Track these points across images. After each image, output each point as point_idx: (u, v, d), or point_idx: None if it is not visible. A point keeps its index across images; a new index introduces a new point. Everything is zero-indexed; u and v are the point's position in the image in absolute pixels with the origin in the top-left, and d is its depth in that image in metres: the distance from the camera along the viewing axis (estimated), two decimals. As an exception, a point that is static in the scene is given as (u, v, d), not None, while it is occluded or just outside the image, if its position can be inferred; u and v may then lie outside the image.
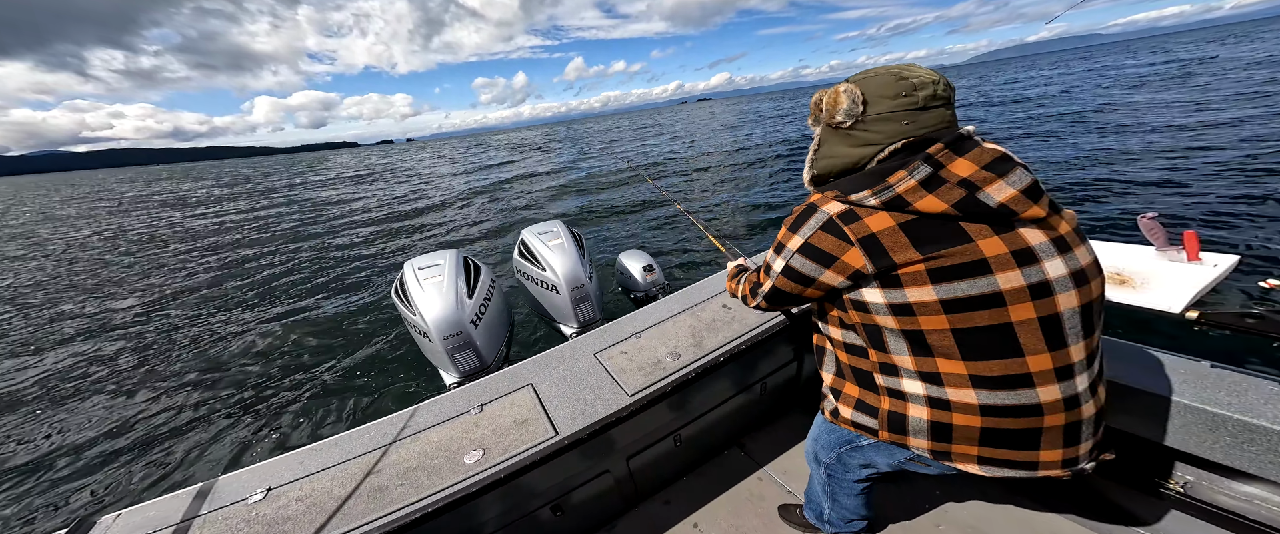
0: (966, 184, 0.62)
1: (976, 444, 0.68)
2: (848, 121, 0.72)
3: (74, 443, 3.02)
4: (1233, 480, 0.92)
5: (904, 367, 0.71)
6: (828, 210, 0.70)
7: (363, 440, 1.09)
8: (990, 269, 0.61)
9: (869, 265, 0.66)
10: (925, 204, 0.63)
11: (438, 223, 9.35)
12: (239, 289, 6.11)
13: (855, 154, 0.72)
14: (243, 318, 5.03)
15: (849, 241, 0.67)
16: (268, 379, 3.59)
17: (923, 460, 0.76)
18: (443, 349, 1.83)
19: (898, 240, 0.64)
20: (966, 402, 0.67)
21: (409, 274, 1.98)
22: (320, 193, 18.47)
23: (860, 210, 0.67)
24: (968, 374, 0.65)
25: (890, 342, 0.70)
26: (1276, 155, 5.48)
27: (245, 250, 8.64)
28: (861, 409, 0.81)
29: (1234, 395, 0.87)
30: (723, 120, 35.55)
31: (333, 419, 2.99)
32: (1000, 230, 0.62)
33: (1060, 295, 0.62)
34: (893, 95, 0.67)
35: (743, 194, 8.07)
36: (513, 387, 1.22)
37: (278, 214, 13.51)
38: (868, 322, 0.71)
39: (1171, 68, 21.63)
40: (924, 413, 0.71)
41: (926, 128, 0.67)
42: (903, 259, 0.64)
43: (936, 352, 0.66)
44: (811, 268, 0.72)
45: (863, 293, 0.69)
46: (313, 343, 4.14)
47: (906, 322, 0.66)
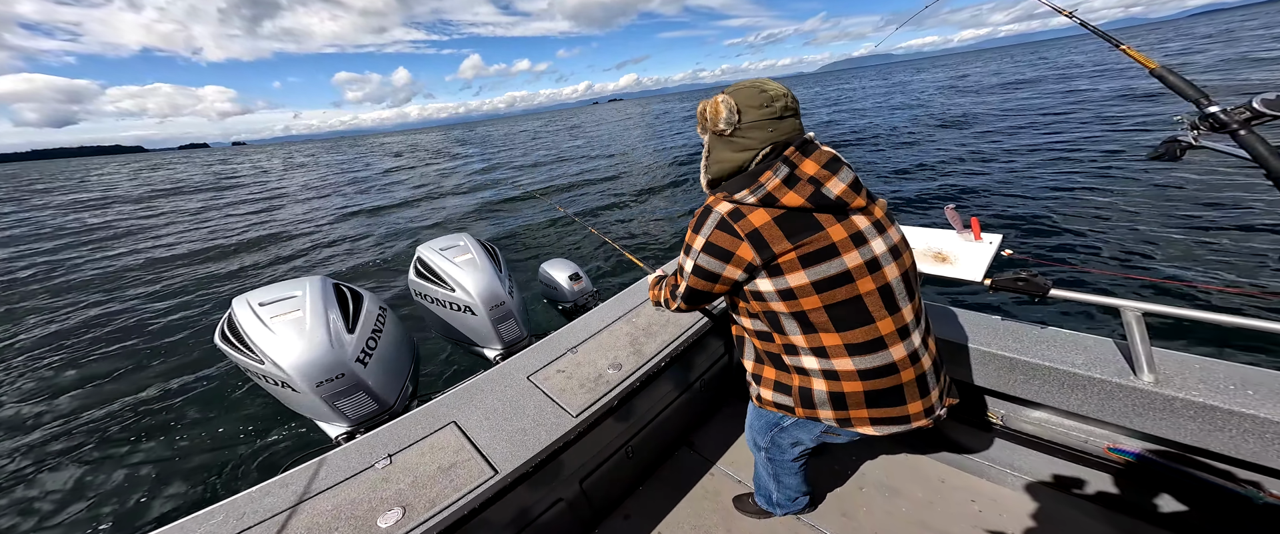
0: (814, 181, 0.74)
1: (865, 407, 0.81)
2: (728, 128, 0.80)
3: None
4: (1029, 409, 1.17)
5: (800, 345, 0.81)
6: (720, 210, 0.79)
7: (218, 524, 0.82)
8: (839, 251, 0.74)
9: (757, 257, 0.75)
10: (788, 199, 0.74)
11: (290, 249, 7.42)
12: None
13: (738, 158, 0.81)
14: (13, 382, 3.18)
15: (739, 237, 0.76)
16: (65, 458, 2.43)
17: (833, 431, 0.87)
18: (318, 398, 1.40)
19: (774, 233, 0.74)
20: (848, 369, 0.78)
21: (243, 313, 1.46)
22: (90, 218, 13.00)
23: (743, 208, 0.77)
24: (843, 344, 0.77)
25: (785, 324, 0.80)
26: (994, 148, 7.95)
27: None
28: (779, 390, 0.89)
29: (1019, 342, 1.13)
30: (635, 121, 36.83)
31: (165, 504, 2.12)
32: (840, 218, 0.76)
33: (886, 267, 0.77)
34: (758, 105, 0.78)
35: (658, 203, 8.32)
36: (430, 429, 1.03)
37: (26, 254, 9.05)
38: (766, 308, 0.80)
39: (940, 80, 30.66)
40: (823, 385, 0.81)
41: (784, 134, 0.78)
42: (780, 249, 0.74)
43: (818, 327, 0.77)
44: (714, 265, 0.80)
45: (757, 283, 0.78)
46: (114, 419, 2.88)
47: (792, 304, 0.77)
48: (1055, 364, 1.05)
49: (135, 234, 10.15)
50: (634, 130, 26.39)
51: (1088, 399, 1.03)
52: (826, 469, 1.41)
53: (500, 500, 0.92)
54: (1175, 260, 3.50)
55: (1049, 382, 1.07)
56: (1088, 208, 4.83)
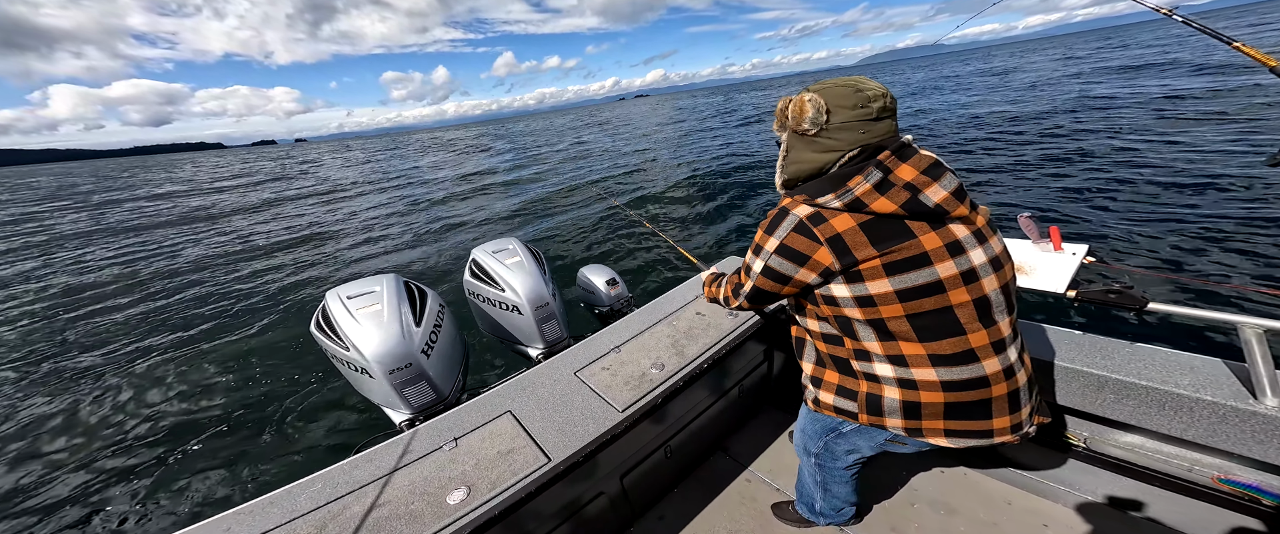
0: (910, 187, 0.72)
1: (942, 419, 0.78)
2: (813, 129, 0.78)
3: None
4: (1119, 431, 1.09)
5: (874, 352, 0.79)
6: (798, 213, 0.77)
7: (310, 495, 0.93)
8: (930, 260, 0.72)
9: (836, 262, 0.73)
10: (879, 205, 0.72)
11: (360, 243, 8.13)
12: (119, 336, 4.72)
13: (820, 159, 0.79)
14: (128, 367, 3.91)
15: (818, 241, 0.74)
16: (171, 437, 2.84)
17: (900, 440, 0.86)
18: (390, 385, 1.59)
19: (858, 239, 0.72)
20: (929, 379, 0.76)
21: (335, 304, 1.69)
22: (189, 207, 14.81)
23: (826, 212, 0.75)
24: (926, 354, 0.75)
25: (859, 330, 0.79)
26: (1080, 149, 7.12)
27: (109, 287, 6.61)
28: (842, 394, 0.87)
29: (1109, 359, 1.05)
30: (664, 116, 36.68)
31: (263, 475, 2.45)
32: (935, 226, 0.73)
33: (984, 279, 0.74)
34: (851, 105, 0.74)
35: (703, 202, 8.16)
36: (489, 416, 1.13)
37: (137, 235, 10.55)
38: (838, 313, 0.79)
39: (991, 71, 27.96)
40: (896, 394, 0.79)
41: (878, 136, 0.76)
42: (863, 256, 0.72)
43: (898, 336, 0.75)
44: (788, 267, 0.79)
45: (831, 288, 0.77)
46: (225, 389, 3.37)
47: (870, 312, 0.75)
48: (1154, 384, 0.97)
49: (221, 219, 11.52)
50: (667, 127, 26.24)
51: (1194, 423, 0.95)
52: (875, 481, 1.36)
53: (552, 487, 0.97)
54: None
55: (1146, 403, 0.99)
56: (1187, 216, 4.31)
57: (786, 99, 0.84)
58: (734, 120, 23.75)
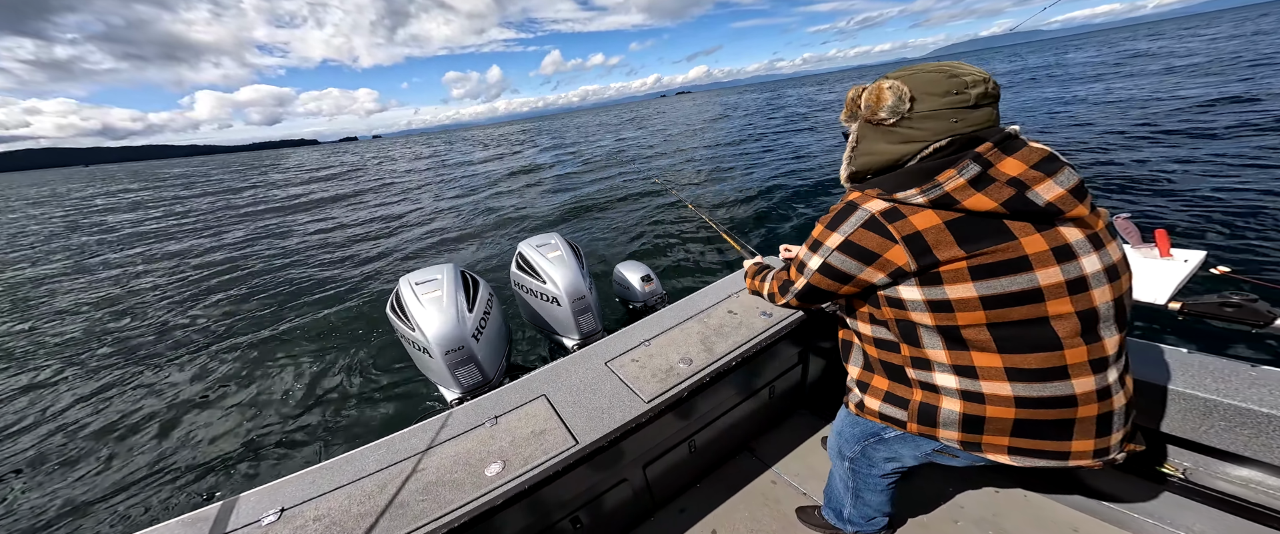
0: (1016, 183, 0.63)
1: (1008, 435, 0.70)
2: (892, 118, 0.71)
3: (80, 468, 2.77)
4: (1229, 464, 0.96)
5: (938, 361, 0.72)
6: (869, 208, 0.70)
7: (377, 457, 1.07)
8: (1031, 266, 0.63)
9: (912, 263, 0.66)
10: (973, 202, 0.63)
11: (426, 233, 8.95)
12: (229, 305, 5.69)
13: (896, 151, 0.72)
14: (237, 336, 4.69)
15: (893, 239, 0.67)
16: (268, 399, 3.40)
17: (951, 452, 0.80)
18: (444, 365, 1.79)
19: (942, 238, 0.65)
20: (1001, 394, 0.68)
21: (406, 290, 1.92)
22: (290, 198, 17.27)
23: (904, 208, 0.67)
24: (1003, 367, 0.67)
25: (924, 336, 0.71)
26: (1216, 153, 5.96)
27: (224, 261, 8.01)
28: (890, 401, 0.82)
29: (1221, 381, 0.92)
30: (706, 114, 35.91)
31: (337, 438, 2.87)
32: (1042, 228, 0.64)
33: (1095, 290, 0.64)
34: (942, 92, 0.67)
35: (745, 191, 8.08)
36: (526, 398, 1.21)
37: (250, 220, 12.54)
38: (901, 317, 0.72)
39: (1108, 59, 23.61)
40: (957, 405, 0.72)
41: (974, 125, 0.67)
42: (946, 256, 0.65)
43: (971, 345, 0.68)
44: (851, 265, 0.73)
45: (899, 289, 0.70)
46: (310, 361, 3.93)
47: (943, 317, 0.68)
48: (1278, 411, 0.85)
49: (314, 207, 13.29)
50: (711, 124, 25.51)
51: None
52: (913, 492, 1.28)
53: (577, 468, 1.02)
54: None
55: (1269, 433, 0.87)
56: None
57: (859, 87, 0.77)
58: (779, 117, 22.58)
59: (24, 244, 11.79)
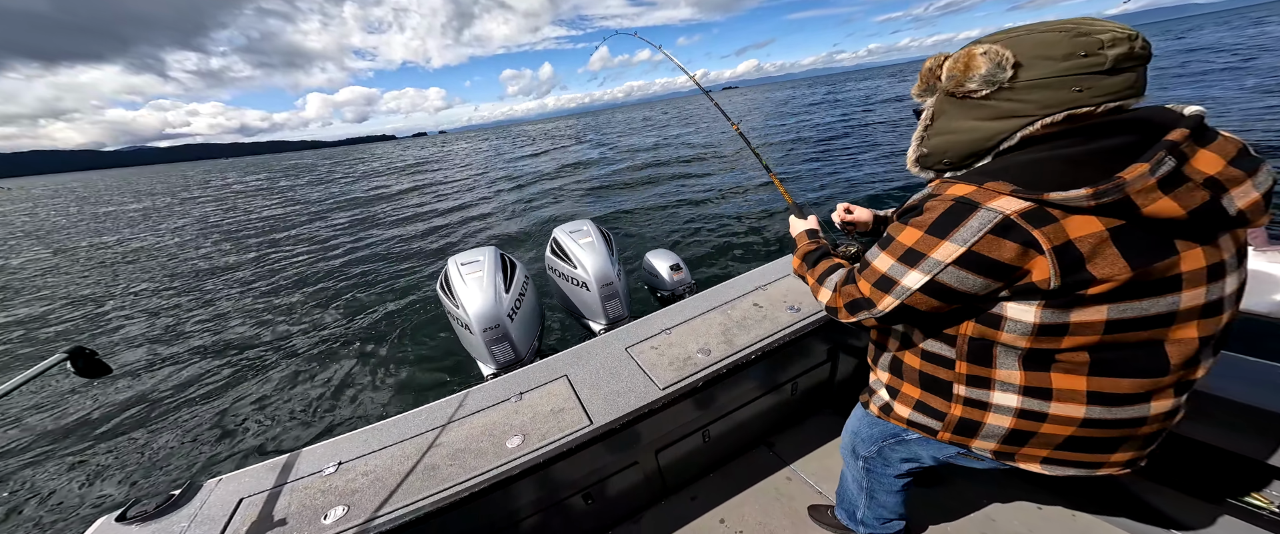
0: (1213, 184, 0.48)
1: (1051, 449, 0.64)
2: (983, 89, 0.57)
3: (178, 416, 3.45)
4: None
5: (1004, 380, 0.62)
6: (1000, 208, 0.53)
7: (417, 422, 1.18)
8: (1180, 287, 0.51)
9: (1055, 280, 0.51)
10: (1158, 207, 0.48)
11: (475, 217, 9.69)
12: (309, 281, 6.63)
13: (989, 129, 0.58)
14: (313, 307, 5.46)
15: (1037, 249, 0.51)
16: (335, 360, 3.95)
17: (975, 456, 0.73)
18: (481, 341, 1.93)
19: (1104, 251, 0.50)
20: (1068, 415, 0.60)
21: (453, 269, 2.09)
22: (368, 188, 19.42)
23: (1056, 210, 0.51)
24: (1085, 390, 0.57)
25: (1000, 357, 0.60)
26: None
27: (309, 245, 9.29)
28: (922, 410, 0.75)
29: None
30: (754, 108, 34.50)
31: (387, 400, 3.27)
32: (1205, 241, 0.51)
33: (1225, 313, 0.54)
34: (1062, 54, 0.52)
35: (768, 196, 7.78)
36: (549, 377, 1.27)
37: (336, 208, 14.33)
38: (983, 336, 0.60)
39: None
40: (1006, 422, 0.65)
41: (1106, 96, 0.51)
42: (1104, 273, 0.50)
43: (1058, 367, 0.57)
44: (975, 283, 0.56)
45: (1006, 307, 0.56)
46: (372, 330, 4.48)
47: (1044, 342, 0.55)
48: None
49: (392, 198, 14.90)
50: (760, 121, 24.23)
51: None
52: (939, 500, 1.20)
53: (591, 447, 1.05)
54: None
55: None
56: None
57: (941, 56, 0.64)
58: (835, 110, 20.77)
59: (182, 221, 14.69)
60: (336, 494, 0.99)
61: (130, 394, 3.83)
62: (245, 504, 1.00)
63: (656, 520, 1.38)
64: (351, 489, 0.99)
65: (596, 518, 1.33)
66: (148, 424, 3.36)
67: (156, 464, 2.91)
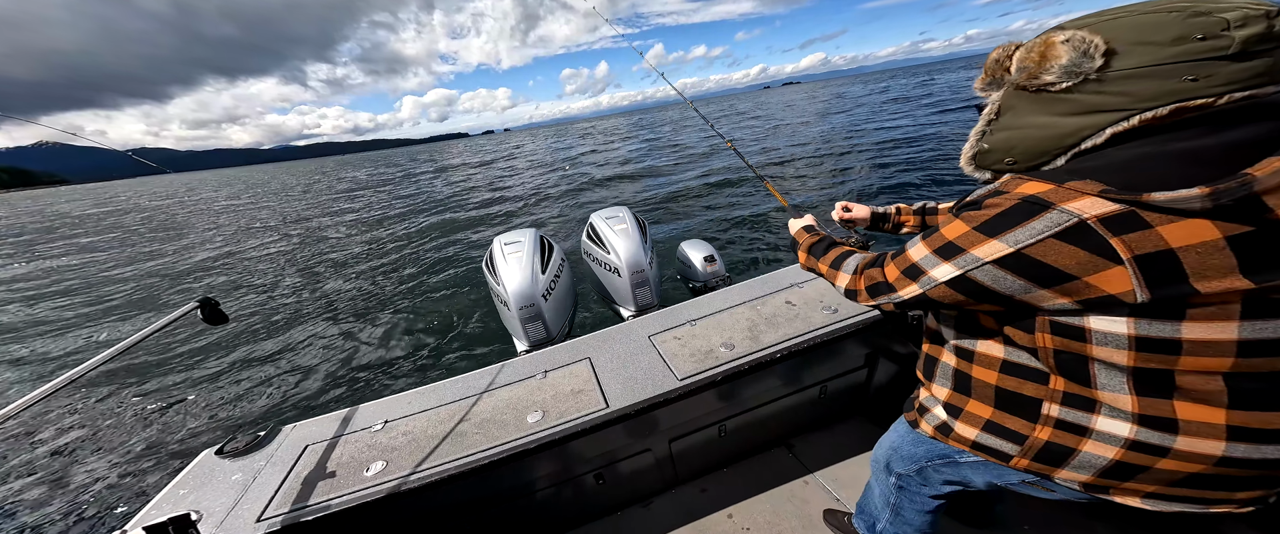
0: None
1: (1165, 485, 0.52)
2: (1062, 81, 0.50)
3: (270, 365, 4.15)
4: None
5: (1112, 405, 0.52)
6: (1078, 211, 0.46)
7: (453, 390, 1.26)
8: None
9: (1142, 292, 0.45)
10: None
11: (524, 203, 10.35)
12: (385, 258, 7.59)
13: (1068, 127, 0.50)
14: (381, 280, 6.25)
15: (1113, 259, 0.45)
16: (396, 328, 4.47)
17: (1052, 487, 0.61)
18: (517, 318, 2.03)
19: (1218, 261, 0.42)
20: (1202, 452, 0.49)
21: (497, 248, 2.22)
22: (441, 178, 21.74)
23: (1154, 215, 0.44)
24: (1226, 424, 0.47)
25: (1100, 375, 0.51)
26: None
27: (392, 227, 10.56)
28: (993, 431, 0.63)
29: None
30: (815, 106, 32.08)
31: (433, 365, 3.63)
32: None
33: None
34: (1173, 39, 0.44)
35: (831, 184, 7.23)
36: (573, 359, 1.29)
37: (415, 194, 16.30)
38: (1070, 349, 0.52)
39: None
40: (1111, 453, 0.53)
41: (1226, 84, 0.43)
42: (1214, 287, 0.43)
43: (1184, 396, 0.48)
44: (1013, 285, 0.51)
45: (1088, 318, 0.49)
46: (429, 301, 5.01)
47: (1151, 359, 0.47)
48: None
49: (463, 193, 16.47)
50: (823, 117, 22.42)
51: None
52: (973, 520, 1.06)
53: (605, 430, 1.06)
54: None
55: None
56: None
57: (1012, 45, 0.56)
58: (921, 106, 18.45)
59: (308, 205, 17.69)
60: (379, 450, 1.08)
61: (236, 343, 4.67)
62: (309, 451, 1.13)
63: (665, 507, 1.36)
64: (392, 447, 1.08)
65: (607, 497, 1.33)
66: (245, 370, 4.08)
67: (248, 406, 3.48)
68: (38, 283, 8.91)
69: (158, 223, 17.59)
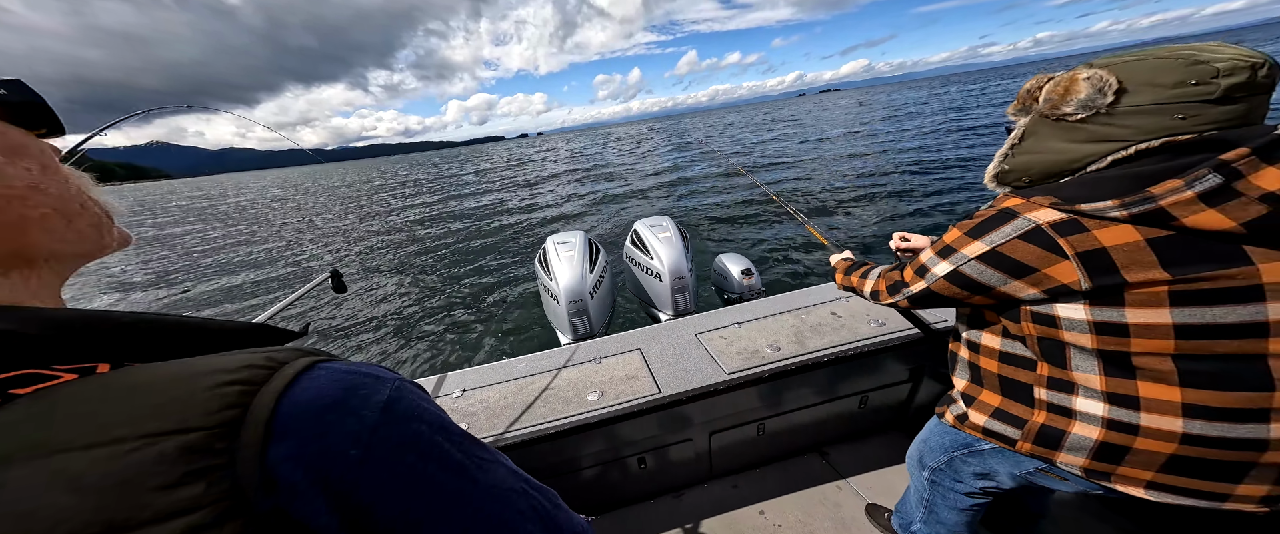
0: (1273, 199, 0.49)
1: (1155, 470, 0.58)
2: (1080, 113, 0.58)
3: (376, 332, 4.70)
4: None
5: (1087, 385, 0.61)
6: (1035, 218, 0.58)
7: (522, 367, 1.41)
8: (1263, 297, 0.50)
9: (1084, 281, 0.55)
10: (1200, 220, 0.50)
11: (565, 209, 10.75)
12: (457, 250, 8.22)
13: (1078, 152, 0.60)
14: (462, 271, 6.83)
15: (1060, 254, 0.56)
16: (474, 310, 5.02)
17: (1061, 475, 0.67)
18: (565, 312, 2.19)
19: (1139, 257, 0.53)
20: (1164, 429, 0.56)
21: (550, 246, 2.41)
22: (490, 181, 22.91)
23: (1089, 221, 0.55)
24: (1181, 402, 0.55)
25: (1074, 358, 0.60)
26: None
27: (465, 222, 11.39)
28: (1000, 417, 0.72)
29: None
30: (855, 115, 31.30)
31: (500, 344, 4.05)
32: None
33: None
34: (1172, 82, 0.53)
35: (850, 188, 7.29)
36: (625, 349, 1.40)
37: (475, 195, 17.35)
38: (1047, 335, 0.61)
39: None
40: (1094, 433, 0.61)
41: (1210, 124, 0.52)
42: (1138, 278, 0.53)
43: (1142, 375, 0.56)
44: (992, 277, 0.62)
45: (1055, 307, 0.59)
46: (496, 291, 5.52)
47: (1110, 342, 0.56)
48: None
49: (505, 192, 17.32)
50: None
51: None
52: (1018, 526, 1.04)
53: (654, 413, 1.15)
54: None
55: None
56: None
57: (1044, 77, 0.65)
58: None
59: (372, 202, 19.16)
60: (460, 415, 1.22)
61: (344, 310, 5.32)
62: None
63: (697, 499, 1.43)
64: (470, 412, 1.22)
65: (646, 482, 1.43)
66: (352, 335, 4.68)
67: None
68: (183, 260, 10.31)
69: (255, 214, 19.81)
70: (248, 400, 0.22)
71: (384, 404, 0.26)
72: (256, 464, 0.21)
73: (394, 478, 0.25)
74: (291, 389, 0.24)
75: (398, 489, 0.25)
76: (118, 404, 0.21)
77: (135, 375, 0.23)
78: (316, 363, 0.26)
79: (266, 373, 0.24)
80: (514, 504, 0.31)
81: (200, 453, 0.20)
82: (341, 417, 0.24)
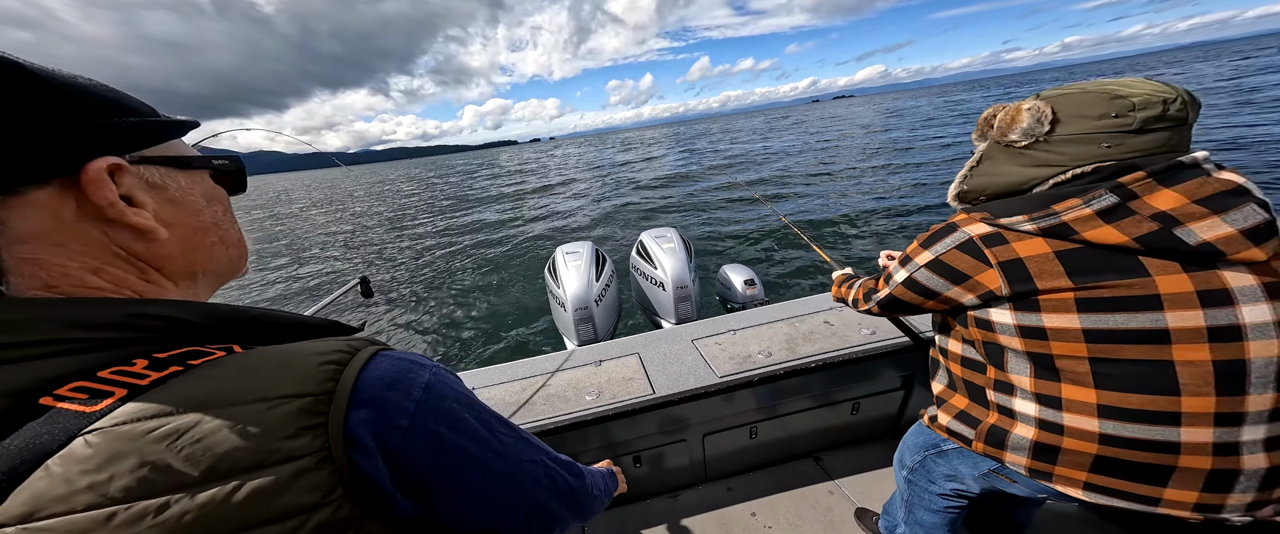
0: (1164, 218, 0.54)
1: (1085, 470, 0.63)
2: (1023, 141, 0.66)
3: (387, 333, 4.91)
4: None
5: (1021, 386, 0.67)
6: (969, 231, 0.67)
7: (524, 369, 1.48)
8: (1160, 306, 0.55)
9: (1004, 287, 0.62)
10: (1097, 234, 0.56)
11: (575, 218, 10.90)
12: (468, 256, 8.59)
13: (1023, 175, 0.67)
14: (475, 278, 7.07)
15: (987, 263, 0.64)
16: (486, 314, 5.17)
17: (1011, 475, 0.73)
18: (571, 319, 2.27)
19: (1048, 267, 0.60)
20: (1083, 429, 0.61)
21: (559, 256, 2.50)
22: (502, 187, 23.32)
23: (1009, 234, 0.63)
24: (1096, 403, 0.60)
25: (1010, 360, 0.67)
26: None
27: (475, 224, 11.71)
28: (961, 419, 0.78)
29: None
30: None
31: (504, 348, 4.18)
32: (1192, 268, 0.55)
33: (1254, 342, 0.53)
34: (1096, 114, 0.59)
35: (854, 204, 7.27)
36: (625, 353, 1.47)
37: (481, 199, 17.75)
38: (989, 339, 0.68)
39: None
40: (1030, 433, 0.67)
41: (1134, 152, 0.59)
42: (1048, 286, 0.59)
43: (1064, 377, 0.62)
44: (938, 283, 0.71)
45: (990, 312, 0.66)
46: (503, 296, 5.70)
47: (1034, 344, 0.62)
48: None
49: (517, 198, 17.65)
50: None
51: None
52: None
53: (649, 413, 1.19)
54: None
55: None
56: None
57: (999, 106, 0.73)
58: None
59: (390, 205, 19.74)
60: None
61: (370, 314, 5.63)
62: None
63: (691, 500, 1.47)
64: None
65: (641, 484, 1.48)
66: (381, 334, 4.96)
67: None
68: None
69: (274, 218, 20.57)
70: (338, 376, 0.29)
71: (425, 385, 0.33)
72: (342, 425, 0.28)
73: (428, 444, 0.31)
74: (365, 370, 0.30)
75: (433, 453, 0.32)
76: (261, 374, 0.27)
77: (264, 354, 0.29)
78: (378, 350, 0.33)
79: (348, 356, 0.30)
80: (530, 472, 0.40)
81: (310, 413, 0.27)
82: (396, 394, 0.31)
